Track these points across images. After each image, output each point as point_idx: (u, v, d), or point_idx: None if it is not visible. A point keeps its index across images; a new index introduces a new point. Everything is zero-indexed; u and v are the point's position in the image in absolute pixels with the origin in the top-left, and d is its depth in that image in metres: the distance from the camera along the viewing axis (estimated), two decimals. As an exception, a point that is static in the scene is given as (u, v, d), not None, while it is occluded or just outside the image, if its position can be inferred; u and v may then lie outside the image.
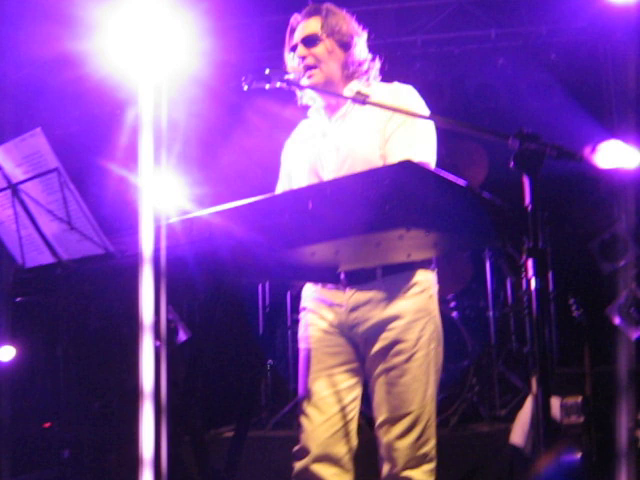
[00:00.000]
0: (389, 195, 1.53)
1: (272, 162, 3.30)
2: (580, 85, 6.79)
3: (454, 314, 5.91)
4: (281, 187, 3.08)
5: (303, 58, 2.83)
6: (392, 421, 2.70)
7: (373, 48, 3.00)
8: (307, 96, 2.94)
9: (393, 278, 2.68)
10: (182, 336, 4.20)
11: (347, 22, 2.90)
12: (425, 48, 7.08)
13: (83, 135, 6.99)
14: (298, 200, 1.73)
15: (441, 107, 6.78)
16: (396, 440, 2.69)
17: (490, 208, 1.78)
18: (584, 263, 6.26)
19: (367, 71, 2.90)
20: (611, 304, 5.68)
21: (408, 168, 1.59)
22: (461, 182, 1.70)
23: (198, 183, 6.45)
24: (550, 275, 5.55)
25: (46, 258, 2.29)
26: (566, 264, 5.97)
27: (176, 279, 2.18)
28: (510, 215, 1.83)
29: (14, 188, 2.16)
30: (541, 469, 1.88)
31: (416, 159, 2.59)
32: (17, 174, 2.12)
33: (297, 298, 3.04)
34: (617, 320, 5.65)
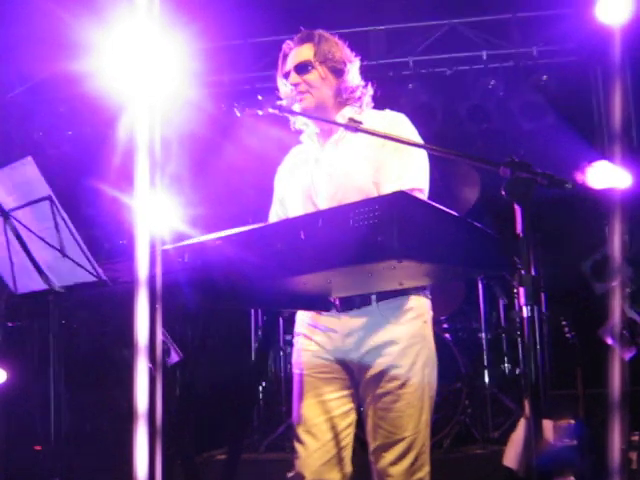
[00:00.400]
0: (382, 226, 1.54)
1: (265, 183, 3.30)
2: (571, 105, 6.83)
3: (447, 336, 5.91)
4: (274, 212, 3.09)
5: (296, 85, 2.84)
6: (386, 447, 2.69)
7: (365, 69, 3.01)
8: (300, 121, 2.95)
9: (387, 304, 2.68)
10: (174, 357, 4.19)
11: (340, 49, 2.91)
12: (417, 69, 7.13)
13: (76, 155, 7.00)
14: (291, 230, 1.74)
15: (433, 128, 6.80)
16: (390, 466, 2.68)
17: (482, 238, 1.78)
18: (577, 284, 6.27)
19: (360, 97, 2.91)
20: (604, 325, 5.68)
21: (401, 199, 1.59)
22: (453, 212, 1.71)
23: (191, 204, 6.46)
24: (543, 297, 5.55)
25: (38, 284, 2.29)
26: (559, 285, 5.98)
27: (170, 303, 2.18)
28: (502, 244, 1.83)
29: (6, 215, 2.16)
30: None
31: (409, 186, 2.61)
32: (9, 202, 2.12)
33: (290, 319, 3.04)
34: (610, 341, 5.64)
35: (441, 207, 1.69)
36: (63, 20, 5.08)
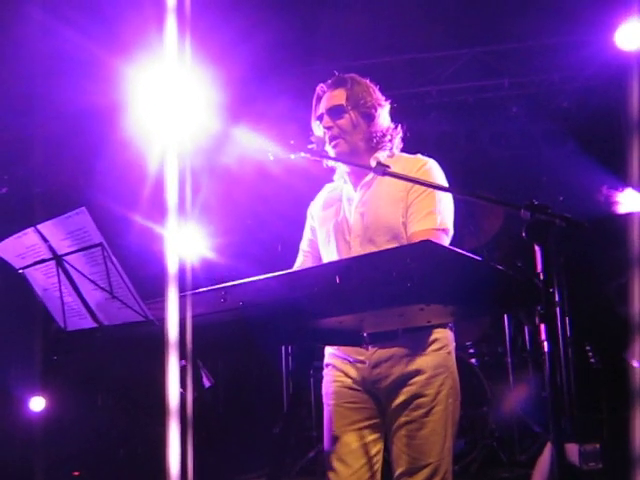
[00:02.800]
0: (410, 273, 1.67)
1: (290, 212, 3.44)
2: (592, 131, 6.91)
3: (473, 360, 5.99)
4: (304, 246, 3.23)
5: (329, 128, 2.97)
6: (411, 473, 2.79)
7: (389, 98, 3.10)
8: (332, 162, 3.09)
9: (413, 336, 2.80)
10: (206, 383, 4.30)
11: (371, 93, 3.03)
12: (439, 98, 7.26)
13: (108, 186, 7.17)
14: (327, 274, 1.87)
15: (457, 155, 6.93)
16: None
17: (503, 279, 1.91)
18: (602, 307, 6.31)
19: (391, 140, 3.03)
20: (629, 347, 5.73)
21: (428, 247, 1.73)
22: (476, 257, 1.84)
23: (220, 233, 6.62)
24: (567, 321, 5.62)
25: (87, 323, 2.44)
26: (583, 308, 6.03)
27: (207, 342, 2.32)
28: (524, 282, 1.95)
29: (59, 259, 2.31)
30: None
31: (435, 226, 2.76)
32: (62, 247, 2.27)
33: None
34: (636, 363, 5.70)
35: (465, 253, 1.81)
36: (96, 55, 5.28)
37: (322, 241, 3.11)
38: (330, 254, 3.04)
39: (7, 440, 5.20)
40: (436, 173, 2.92)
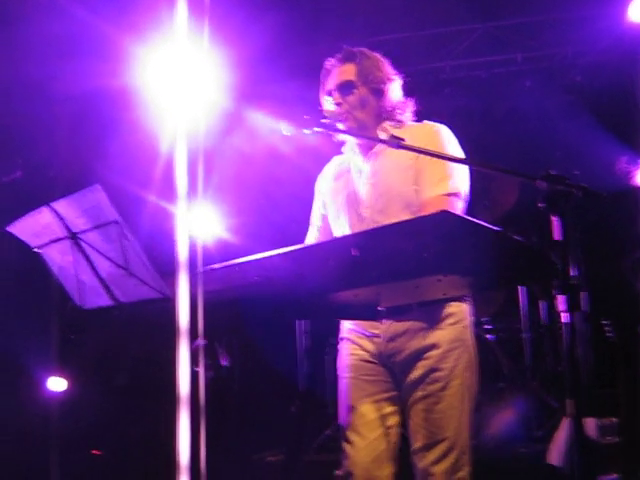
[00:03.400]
0: (427, 244, 1.66)
1: (303, 192, 3.42)
2: (606, 105, 6.85)
3: (489, 336, 5.98)
4: (315, 220, 3.22)
5: (339, 104, 2.95)
6: (428, 447, 2.79)
7: (403, 74, 3.08)
8: (343, 135, 3.06)
9: (429, 310, 2.79)
10: (223, 362, 4.33)
11: (381, 68, 3.00)
12: (453, 73, 7.22)
13: (122, 167, 7.17)
14: (342, 247, 1.86)
15: (471, 131, 6.88)
16: (432, 465, 2.78)
17: (521, 250, 1.89)
18: (618, 281, 6.28)
19: (401, 113, 3.01)
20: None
21: (445, 218, 1.71)
22: (493, 227, 1.83)
23: (233, 213, 6.61)
24: (584, 296, 5.59)
25: (104, 300, 2.45)
26: (600, 283, 6.00)
27: (222, 320, 2.32)
28: (540, 254, 1.94)
29: (74, 237, 2.32)
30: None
31: (449, 190, 2.74)
32: (78, 224, 2.28)
33: (332, 323, 3.14)
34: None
35: (481, 222, 1.80)
36: (108, 36, 5.27)
37: (332, 214, 3.10)
38: (342, 226, 3.03)
39: (25, 420, 5.24)
40: (446, 136, 2.90)
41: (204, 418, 1.68)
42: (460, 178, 2.84)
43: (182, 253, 1.70)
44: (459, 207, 2.79)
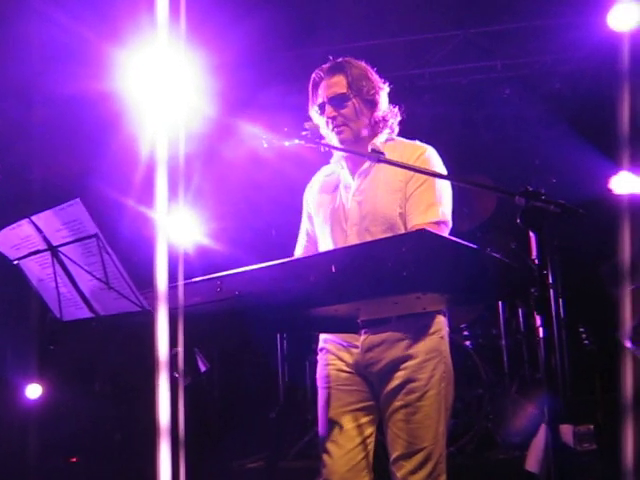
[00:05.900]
0: (406, 262, 1.67)
1: (284, 197, 3.43)
2: (585, 113, 6.90)
3: (467, 343, 6.01)
4: (304, 231, 3.23)
5: (333, 118, 2.93)
6: (406, 457, 2.82)
7: (383, 81, 3.06)
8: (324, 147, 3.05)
9: (406, 321, 2.81)
10: (201, 367, 4.31)
11: (369, 77, 2.98)
12: (433, 80, 7.24)
13: (100, 171, 7.13)
14: (323, 263, 1.87)
15: (450, 138, 6.91)
16: (410, 475, 2.81)
17: (499, 267, 1.91)
18: (595, 288, 6.33)
19: (391, 125, 3.02)
20: (621, 328, 5.75)
21: (424, 237, 1.73)
22: (472, 245, 1.84)
23: (213, 218, 6.61)
24: (561, 303, 5.64)
25: (83, 313, 2.45)
26: (576, 290, 6.05)
27: (203, 331, 2.33)
28: (518, 271, 1.96)
29: (54, 250, 2.31)
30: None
31: (435, 219, 2.77)
32: (57, 238, 2.27)
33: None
34: (628, 343, 5.72)
35: (460, 241, 1.82)
36: (88, 40, 5.25)
37: (318, 226, 3.10)
38: (325, 239, 3.04)
39: (3, 428, 5.21)
40: (435, 161, 2.92)
41: (183, 427, 1.68)
42: (447, 206, 2.88)
43: (161, 264, 1.70)
44: (446, 234, 2.81)
